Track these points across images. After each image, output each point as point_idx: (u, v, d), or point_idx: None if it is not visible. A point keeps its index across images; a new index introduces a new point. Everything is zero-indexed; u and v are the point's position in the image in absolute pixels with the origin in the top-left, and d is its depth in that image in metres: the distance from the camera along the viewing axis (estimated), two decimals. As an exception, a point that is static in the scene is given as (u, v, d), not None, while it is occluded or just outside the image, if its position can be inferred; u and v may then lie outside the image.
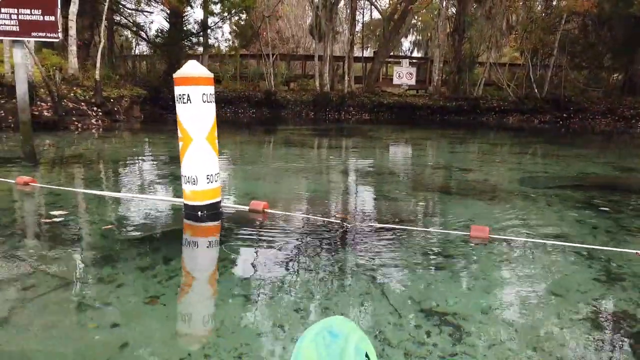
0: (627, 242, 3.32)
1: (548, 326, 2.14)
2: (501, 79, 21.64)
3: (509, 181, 5.60)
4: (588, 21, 21.62)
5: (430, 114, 21.19)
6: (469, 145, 10.10)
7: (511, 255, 3.02)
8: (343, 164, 7.06)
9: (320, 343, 0.89)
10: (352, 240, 3.26)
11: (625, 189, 5.28)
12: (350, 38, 21.47)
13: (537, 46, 20.67)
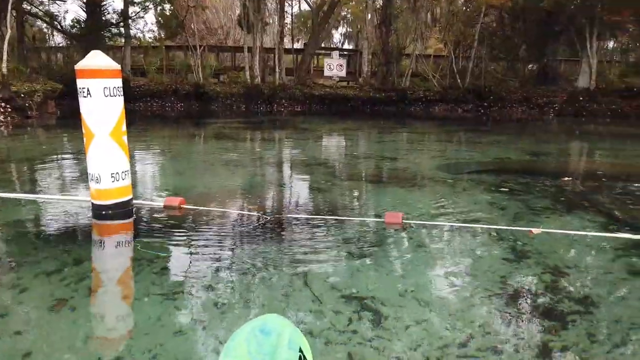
0: (534, 221, 3.54)
1: (461, 305, 2.24)
2: (427, 70, 22.40)
3: (430, 168, 5.82)
4: (504, 15, 22.85)
5: (361, 105, 21.54)
6: (397, 134, 10.38)
7: (425, 239, 3.14)
8: (272, 156, 7.02)
9: (252, 341, 0.87)
10: (270, 233, 3.24)
11: (534, 172, 5.65)
12: (280, 29, 21.30)
13: (459, 38, 21.58)
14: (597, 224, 3.44)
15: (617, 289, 2.43)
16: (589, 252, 2.98)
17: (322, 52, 25.65)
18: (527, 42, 23.32)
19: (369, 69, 23.02)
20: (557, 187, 4.63)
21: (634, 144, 9.58)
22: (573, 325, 2.08)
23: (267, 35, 27.97)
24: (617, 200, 4.08)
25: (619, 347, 1.92)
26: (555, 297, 2.34)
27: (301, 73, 22.14)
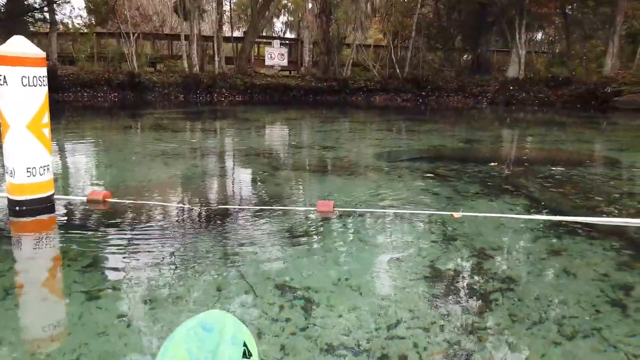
0: (463, 205, 3.67)
1: (392, 290, 2.28)
2: (367, 60, 22.68)
3: (368, 157, 5.90)
4: (440, 6, 23.51)
5: (303, 94, 21.50)
6: (338, 124, 10.45)
7: (357, 227, 3.17)
8: (210, 147, 6.85)
9: (192, 339, 0.82)
10: (202, 225, 3.16)
11: (465, 158, 5.87)
12: (218, 17, 20.79)
13: (397, 29, 21.99)
14: (520, 207, 3.62)
15: (536, 268, 2.56)
16: (512, 234, 3.13)
17: (263, 40, 25.33)
18: (462, 33, 24.17)
19: (311, 59, 23.01)
20: (485, 173, 4.83)
21: (558, 130, 10.19)
22: (496, 305, 2.17)
23: (205, 23, 27.24)
24: (539, 184, 4.32)
25: (536, 325, 2.01)
26: (480, 279, 2.44)
27: (242, 62, 21.77)
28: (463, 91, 21.99)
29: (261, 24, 22.15)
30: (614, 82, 16.79)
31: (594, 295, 2.25)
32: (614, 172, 4.90)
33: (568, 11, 21.89)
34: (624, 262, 2.60)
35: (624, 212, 3.41)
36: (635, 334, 1.93)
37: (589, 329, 1.97)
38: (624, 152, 6.72)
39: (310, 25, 22.37)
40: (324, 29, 22.74)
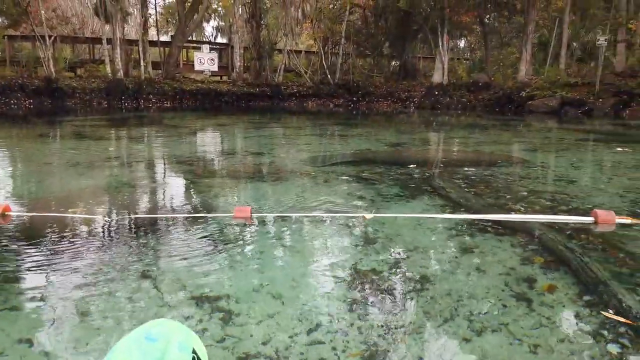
0: (384, 208, 3.75)
1: (312, 294, 2.27)
2: (298, 65, 22.80)
3: (296, 162, 5.90)
4: (368, 13, 24.11)
5: (235, 100, 21.23)
6: (269, 129, 10.40)
7: (278, 232, 3.15)
8: (132, 156, 6.56)
9: (135, 351, 0.77)
10: (114, 236, 3.00)
11: (389, 161, 6.01)
12: (143, 20, 20.07)
13: (327, 35, 22.31)
14: (437, 207, 3.76)
15: (449, 266, 2.65)
16: (429, 234, 3.22)
17: (193, 45, 24.76)
18: (390, 40, 24.93)
19: (242, 64, 22.78)
20: (407, 175, 4.98)
21: (478, 133, 10.74)
22: (412, 304, 2.22)
23: (130, 26, 26.19)
24: (456, 184, 4.51)
25: (448, 321, 2.08)
26: (397, 279, 2.49)
27: (169, 67, 21.14)
28: (392, 96, 22.68)
29: (189, 28, 21.63)
30: (527, 87, 17.99)
31: (501, 290, 2.36)
32: (523, 172, 5.22)
33: (487, 20, 23.26)
34: (528, 257, 2.75)
35: (530, 210, 3.63)
36: (537, 326, 2.03)
37: (497, 324, 2.05)
38: (533, 152, 7.20)
39: (240, 30, 22.14)
40: (255, 34, 22.62)
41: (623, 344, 1.86)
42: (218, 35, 44.20)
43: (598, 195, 4.12)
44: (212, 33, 44.81)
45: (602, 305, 2.15)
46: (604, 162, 6.15)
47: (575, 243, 2.84)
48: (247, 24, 22.72)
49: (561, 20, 18.75)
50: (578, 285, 2.37)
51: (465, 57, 30.35)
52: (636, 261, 2.60)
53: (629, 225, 3.18)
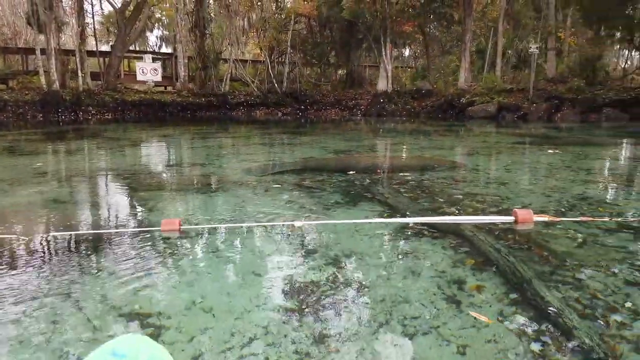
0: (326, 216, 3.73)
1: (247, 307, 2.21)
2: (245, 74, 22.65)
3: (238, 172, 5.80)
4: (313, 23, 24.35)
5: (180, 110, 20.79)
6: (214, 140, 10.21)
7: (209, 244, 3.07)
8: (62, 170, 6.24)
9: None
10: (34, 256, 2.82)
11: (331, 169, 6.03)
12: (80, 29, 19.30)
13: (273, 44, 22.32)
14: (375, 213, 3.79)
15: (384, 271, 2.66)
16: (367, 240, 3.23)
17: (135, 55, 24.10)
18: (336, 49, 25.27)
19: (187, 74, 22.39)
20: (348, 182, 5.01)
21: (420, 139, 11.03)
22: (346, 312, 2.21)
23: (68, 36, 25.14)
24: (394, 190, 4.58)
25: (381, 327, 2.07)
26: (333, 285, 2.47)
27: (110, 77, 20.44)
28: (339, 104, 22.96)
29: (130, 37, 21.02)
30: (467, 93, 18.71)
31: (433, 293, 2.39)
32: (459, 175, 5.38)
33: (427, 29, 24.05)
34: (459, 259, 2.81)
35: (462, 212, 3.73)
36: (465, 327, 2.07)
37: (428, 327, 2.07)
38: (470, 156, 7.47)
39: (184, 39, 21.76)
40: (199, 43, 22.30)
41: (545, 342, 1.92)
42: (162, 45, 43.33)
43: (527, 196, 4.30)
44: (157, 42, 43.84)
45: (526, 304, 2.22)
46: (535, 164, 6.46)
47: (503, 243, 2.94)
48: (191, 33, 22.37)
49: (496, 30, 19.68)
50: (505, 285, 2.44)
51: (410, 66, 31.24)
52: (558, 259, 2.71)
53: (548, 223, 3.34)
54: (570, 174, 5.41)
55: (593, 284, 2.38)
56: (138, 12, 20.56)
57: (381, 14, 19.27)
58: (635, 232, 3.16)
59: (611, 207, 3.85)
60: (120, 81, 21.94)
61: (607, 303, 2.18)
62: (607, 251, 2.80)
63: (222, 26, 21.25)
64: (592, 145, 8.78)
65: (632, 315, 2.07)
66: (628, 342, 1.88)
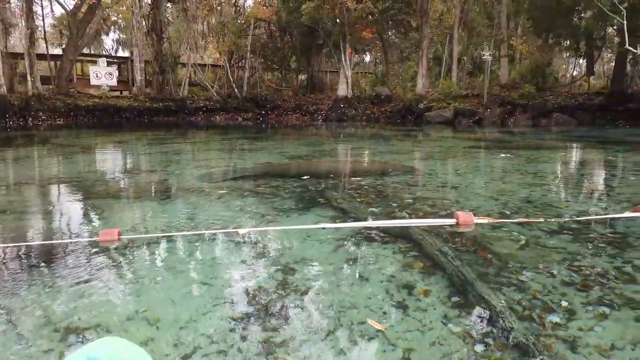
0: (279, 222, 3.69)
1: (193, 317, 2.15)
2: (203, 79, 22.34)
3: (191, 179, 5.68)
4: (273, 28, 24.31)
5: (136, 115, 20.29)
6: (169, 145, 9.98)
7: (154, 253, 2.98)
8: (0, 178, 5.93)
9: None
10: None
11: (287, 174, 6.00)
12: (30, 32, 18.53)
13: (232, 49, 22.12)
14: (328, 218, 3.78)
15: (334, 277, 2.65)
16: (317, 245, 3.21)
17: (89, 59, 23.38)
18: (296, 54, 25.31)
19: (143, 78, 21.88)
20: (303, 188, 4.99)
21: (378, 143, 11.16)
22: (294, 319, 2.18)
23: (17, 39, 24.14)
24: (349, 195, 4.59)
25: (329, 335, 2.05)
26: (282, 293, 2.43)
27: (61, 82, 19.73)
28: (300, 109, 23.00)
29: (83, 40, 20.35)
30: (425, 99, 19.11)
31: (381, 299, 2.39)
32: (412, 180, 5.45)
33: (386, 36, 24.44)
34: (408, 263, 2.83)
35: (414, 215, 3.77)
36: (411, 330, 2.08)
37: (375, 331, 2.07)
38: (424, 160, 7.62)
39: (141, 43, 21.27)
40: (156, 47, 21.86)
41: (487, 343, 1.95)
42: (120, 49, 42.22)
43: (475, 199, 4.40)
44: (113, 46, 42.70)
45: (470, 307, 2.25)
46: (486, 167, 6.64)
47: (450, 247, 2.98)
48: (148, 36, 21.89)
49: (452, 37, 20.22)
50: (450, 288, 2.47)
51: (370, 71, 31.64)
52: (501, 261, 2.77)
53: (488, 225, 3.43)
54: (518, 178, 5.59)
55: (533, 285, 2.44)
56: (91, 15, 19.94)
57: (340, 20, 19.44)
58: (575, 233, 3.28)
59: (553, 210, 3.98)
60: (73, 85, 21.21)
61: (545, 303, 2.24)
62: (547, 252, 2.89)
63: (180, 30, 20.87)
64: (542, 149, 9.11)
65: (568, 315, 2.13)
66: (563, 342, 1.93)
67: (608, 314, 2.12)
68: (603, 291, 2.35)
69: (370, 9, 19.22)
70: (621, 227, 3.41)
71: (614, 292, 2.33)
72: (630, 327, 2.01)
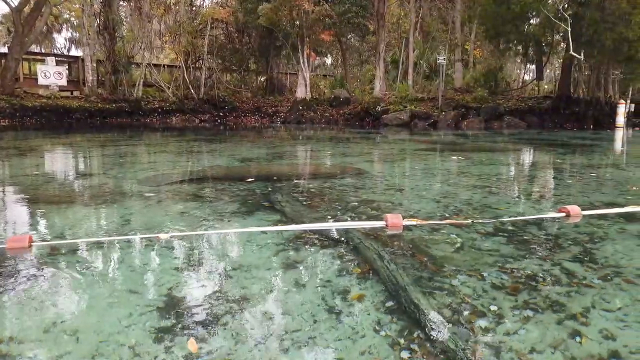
0: (217, 227, 3.57)
1: (115, 328, 2.04)
2: (159, 80, 21.81)
3: (132, 182, 5.47)
4: (231, 28, 24.01)
5: (88, 117, 19.59)
6: (115, 148, 9.62)
7: (75, 261, 2.81)
8: None
9: None
10: None
11: (235, 177, 5.85)
12: (-31, 28, 17.55)
13: (188, 49, 21.70)
14: (270, 222, 3.70)
15: (270, 283, 2.57)
16: (256, 251, 3.13)
17: (37, 57, 22.42)
18: (255, 56, 25.09)
19: (95, 78, 21.16)
20: (248, 191, 4.88)
21: (334, 146, 11.16)
22: (223, 329, 2.08)
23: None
24: (294, 198, 4.52)
25: (258, 345, 1.97)
26: (214, 302, 2.33)
27: (6, 81, 18.80)
28: (259, 111, 22.81)
29: (29, 38, 19.45)
30: (382, 101, 19.33)
31: (316, 305, 2.33)
32: (360, 182, 5.43)
33: (345, 39, 24.59)
34: (346, 267, 2.78)
35: (357, 218, 3.74)
36: (341, 338, 2.02)
37: (306, 338, 2.00)
38: (375, 163, 7.65)
39: (92, 42, 20.56)
40: (109, 46, 21.18)
41: (412, 349, 1.92)
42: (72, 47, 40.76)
43: (419, 202, 4.42)
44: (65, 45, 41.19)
45: (401, 312, 2.22)
46: (434, 170, 6.71)
47: (388, 250, 2.96)
48: (100, 35, 21.18)
49: (408, 41, 20.55)
50: (384, 292, 2.44)
51: (331, 74, 31.79)
52: (436, 264, 2.77)
53: (416, 226, 3.46)
54: (464, 180, 5.68)
55: (465, 289, 2.44)
56: (37, 11, 19.09)
57: (298, 23, 19.40)
58: (510, 235, 3.33)
59: (492, 211, 4.05)
60: (20, 85, 20.26)
61: (475, 307, 2.24)
62: (481, 255, 2.91)
63: (134, 29, 20.29)
64: (491, 152, 9.34)
65: (497, 319, 2.13)
66: (490, 347, 1.93)
67: (531, 317, 2.13)
68: (530, 294, 2.37)
69: (328, 12, 19.27)
70: (553, 229, 3.50)
71: (540, 295, 2.35)
72: (550, 330, 2.02)
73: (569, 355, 1.84)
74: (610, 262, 2.80)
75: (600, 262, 2.81)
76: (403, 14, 24.70)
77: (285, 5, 18.19)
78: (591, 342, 1.94)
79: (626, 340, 1.95)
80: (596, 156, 8.90)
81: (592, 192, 5.00)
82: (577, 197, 4.82)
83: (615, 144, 12.19)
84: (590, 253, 2.95)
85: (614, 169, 7.00)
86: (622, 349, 1.89)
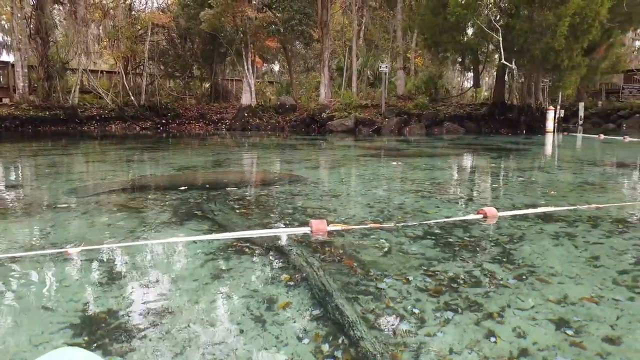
0: (146, 238, 3.44)
1: (23, 348, 1.92)
2: (96, 86, 20.97)
3: (57, 193, 5.20)
4: (173, 34, 23.48)
5: (19, 125, 18.52)
6: (43, 158, 9.12)
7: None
8: None
9: None
10: None
11: (167, 187, 5.65)
12: None
13: (128, 55, 21.01)
14: (202, 231, 3.61)
15: (196, 295, 2.49)
16: (183, 261, 3.04)
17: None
18: (199, 62, 24.65)
19: (27, 85, 20.06)
20: (181, 200, 4.75)
21: (277, 152, 11.12)
22: (141, 344, 2.00)
23: None
24: (229, 206, 4.43)
25: (176, 357, 1.90)
26: (134, 315, 2.24)
27: None
28: (204, 118, 22.39)
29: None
30: (327, 108, 19.51)
31: (242, 314, 2.28)
32: (297, 189, 5.41)
33: (293, 46, 24.66)
34: (275, 276, 2.75)
35: (290, 225, 3.72)
36: (266, 347, 1.99)
37: (228, 350, 1.96)
38: (315, 169, 7.67)
39: (24, 46, 19.48)
40: (42, 51, 20.14)
41: (336, 357, 1.91)
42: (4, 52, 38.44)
43: (352, 207, 4.46)
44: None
45: (326, 319, 2.22)
46: (371, 175, 6.79)
47: (317, 257, 2.95)
48: (32, 40, 20.11)
49: (351, 49, 20.90)
50: (311, 299, 2.43)
51: (278, 81, 31.75)
52: (364, 269, 2.79)
53: (341, 231, 3.50)
54: (398, 185, 5.80)
55: (390, 292, 2.47)
56: (-40, 13, 17.86)
57: (242, 29, 19.25)
58: (436, 238, 3.41)
59: (422, 215, 4.15)
60: (-61, 91, 18.87)
61: (397, 311, 2.27)
62: (408, 259, 2.96)
63: (69, 34, 19.40)
64: (429, 157, 9.61)
65: (418, 322, 2.17)
66: (410, 350, 1.95)
67: (451, 319, 2.19)
68: (451, 296, 2.43)
69: (272, 19, 19.26)
70: (477, 231, 3.62)
71: (461, 297, 2.42)
72: (468, 331, 2.08)
73: (482, 355, 1.90)
74: (526, 262, 2.93)
75: (517, 262, 2.93)
76: (347, 22, 25.10)
77: (228, 12, 18.00)
78: (504, 341, 2.01)
79: (536, 338, 2.03)
80: (524, 160, 9.37)
81: (516, 194, 5.24)
82: (502, 199, 5.05)
83: (544, 149, 12.90)
84: (509, 254, 3.08)
85: (540, 172, 7.38)
86: (531, 347, 1.97)
